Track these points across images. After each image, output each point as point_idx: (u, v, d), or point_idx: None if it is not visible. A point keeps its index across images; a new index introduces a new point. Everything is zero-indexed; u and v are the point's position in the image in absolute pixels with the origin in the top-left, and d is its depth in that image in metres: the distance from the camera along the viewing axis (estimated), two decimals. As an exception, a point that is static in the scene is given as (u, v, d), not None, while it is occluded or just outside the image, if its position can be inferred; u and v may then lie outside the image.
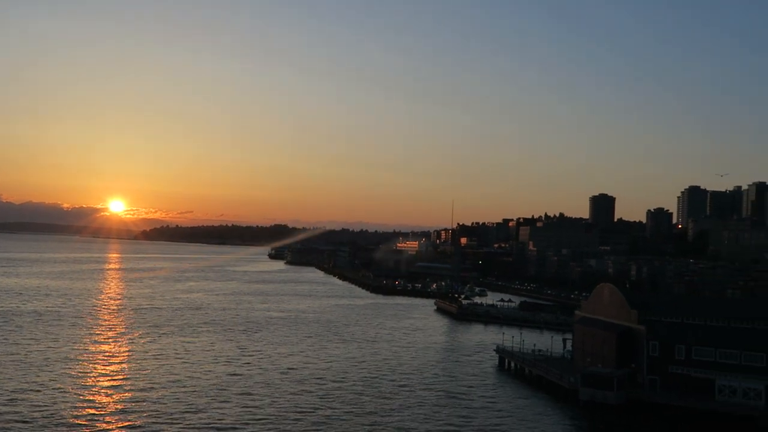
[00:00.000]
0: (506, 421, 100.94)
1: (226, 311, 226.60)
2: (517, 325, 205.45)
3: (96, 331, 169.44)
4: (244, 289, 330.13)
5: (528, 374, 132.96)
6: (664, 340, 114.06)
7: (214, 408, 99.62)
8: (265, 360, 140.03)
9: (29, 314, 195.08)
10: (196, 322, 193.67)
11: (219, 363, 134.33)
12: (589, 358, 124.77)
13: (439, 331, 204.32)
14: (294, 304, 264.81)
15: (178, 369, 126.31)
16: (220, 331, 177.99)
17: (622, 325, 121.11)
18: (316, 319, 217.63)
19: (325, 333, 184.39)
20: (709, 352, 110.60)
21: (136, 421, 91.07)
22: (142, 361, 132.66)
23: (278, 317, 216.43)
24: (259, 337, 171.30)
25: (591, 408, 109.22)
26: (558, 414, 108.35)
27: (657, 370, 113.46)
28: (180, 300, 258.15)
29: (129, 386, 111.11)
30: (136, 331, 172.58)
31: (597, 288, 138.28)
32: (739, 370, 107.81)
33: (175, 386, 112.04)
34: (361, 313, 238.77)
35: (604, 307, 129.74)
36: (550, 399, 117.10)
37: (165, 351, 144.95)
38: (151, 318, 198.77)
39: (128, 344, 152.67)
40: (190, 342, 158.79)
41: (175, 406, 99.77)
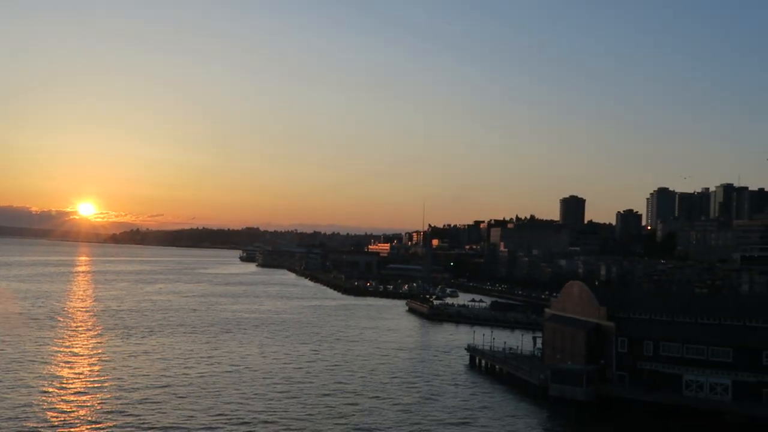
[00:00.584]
0: (477, 418, 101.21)
1: (196, 312, 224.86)
2: (488, 324, 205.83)
3: (64, 333, 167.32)
4: (214, 291, 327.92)
5: (498, 372, 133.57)
6: (632, 336, 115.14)
7: (184, 408, 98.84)
8: (235, 360, 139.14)
9: (6, 317, 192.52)
10: (166, 324, 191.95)
11: (188, 363, 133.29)
12: (559, 354, 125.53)
13: (410, 331, 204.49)
14: (265, 305, 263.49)
15: (147, 370, 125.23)
16: (189, 332, 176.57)
17: (591, 321, 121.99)
18: (287, 320, 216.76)
19: (296, 334, 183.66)
20: (676, 348, 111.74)
21: (104, 422, 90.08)
22: (110, 362, 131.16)
23: (249, 318, 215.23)
24: (230, 338, 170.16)
25: (560, 404, 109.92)
26: (528, 410, 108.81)
27: (625, 366, 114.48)
28: (149, 302, 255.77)
29: (97, 387, 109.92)
30: (104, 332, 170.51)
31: (567, 286, 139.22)
32: (706, 366, 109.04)
33: (143, 387, 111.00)
34: (333, 314, 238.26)
35: (573, 305, 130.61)
36: (520, 395, 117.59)
37: (134, 352, 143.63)
38: (119, 320, 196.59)
39: (96, 345, 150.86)
40: (159, 343, 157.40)
41: (144, 406, 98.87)
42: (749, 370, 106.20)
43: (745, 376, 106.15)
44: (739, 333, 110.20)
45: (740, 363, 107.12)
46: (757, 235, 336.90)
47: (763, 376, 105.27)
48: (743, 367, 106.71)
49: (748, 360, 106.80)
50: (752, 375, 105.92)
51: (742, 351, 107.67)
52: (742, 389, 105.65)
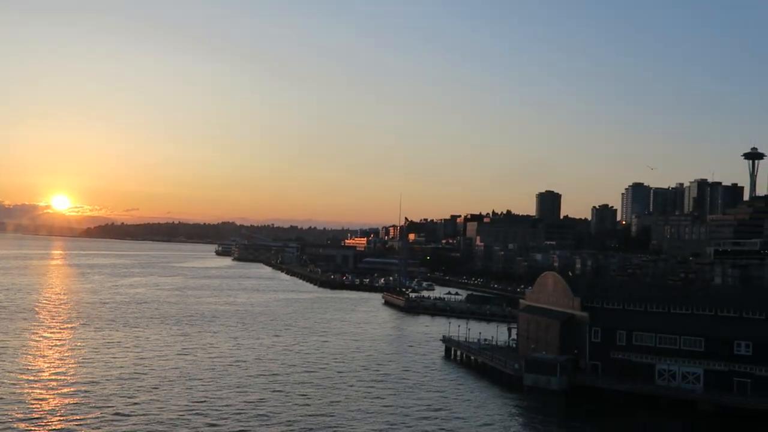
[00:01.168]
0: (452, 408, 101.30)
1: (171, 305, 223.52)
2: (464, 317, 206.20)
3: (36, 325, 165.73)
4: (189, 284, 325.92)
5: (474, 362, 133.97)
6: (605, 326, 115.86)
7: (156, 398, 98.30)
8: (210, 351, 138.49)
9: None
10: (139, 316, 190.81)
11: (162, 354, 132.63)
12: (533, 345, 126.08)
13: (386, 323, 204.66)
14: (240, 298, 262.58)
15: (119, 361, 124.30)
16: (163, 324, 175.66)
17: (565, 312, 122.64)
18: (263, 312, 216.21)
19: (271, 325, 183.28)
20: (649, 338, 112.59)
21: (76, 414, 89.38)
22: (85, 353, 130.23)
23: (224, 310, 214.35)
24: (204, 330, 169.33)
25: (534, 393, 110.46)
26: (502, 399, 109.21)
27: (599, 356, 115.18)
28: (123, 294, 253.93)
29: (69, 378, 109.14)
30: (77, 324, 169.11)
31: (541, 277, 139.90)
32: (678, 355, 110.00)
33: (116, 378, 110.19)
34: (308, 307, 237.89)
35: (548, 295, 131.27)
36: (494, 385, 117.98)
37: (107, 343, 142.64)
38: (94, 312, 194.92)
39: (69, 337, 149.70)
40: (133, 335, 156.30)
41: (117, 397, 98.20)
42: (720, 359, 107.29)
43: (717, 365, 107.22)
44: (711, 323, 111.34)
45: (712, 352, 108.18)
46: (730, 230, 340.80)
47: (733, 366, 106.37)
48: (715, 357, 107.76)
49: (719, 349, 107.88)
50: (723, 364, 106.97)
51: (713, 341, 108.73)
52: (714, 378, 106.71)
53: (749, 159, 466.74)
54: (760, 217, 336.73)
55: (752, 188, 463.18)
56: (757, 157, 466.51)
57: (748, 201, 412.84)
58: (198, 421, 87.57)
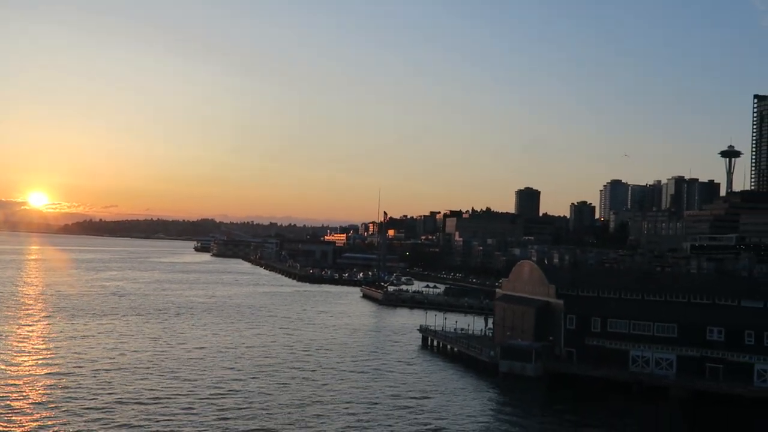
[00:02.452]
0: (427, 395, 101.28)
1: (149, 297, 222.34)
2: (442, 309, 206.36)
3: (12, 316, 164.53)
4: (167, 278, 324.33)
5: (450, 351, 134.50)
6: (580, 313, 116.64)
7: (135, 387, 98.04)
8: (188, 342, 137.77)
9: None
10: (117, 308, 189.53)
11: (140, 345, 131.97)
12: (509, 332, 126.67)
13: (364, 315, 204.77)
14: (219, 291, 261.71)
15: (96, 352, 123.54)
16: (141, 315, 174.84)
17: (540, 300, 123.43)
18: (241, 304, 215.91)
19: (250, 317, 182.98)
20: (623, 325, 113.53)
21: (54, 403, 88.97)
22: (60, 344, 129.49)
23: (202, 303, 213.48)
24: (183, 321, 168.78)
25: (510, 380, 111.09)
26: (478, 386, 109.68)
27: (574, 343, 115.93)
28: (100, 287, 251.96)
29: (46, 369, 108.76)
30: (55, 315, 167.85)
31: (517, 265, 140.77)
32: (652, 341, 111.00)
33: (93, 368, 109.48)
34: (287, 300, 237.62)
35: (523, 284, 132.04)
36: (470, 372, 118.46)
37: (84, 334, 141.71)
38: (71, 304, 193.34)
39: (47, 328, 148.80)
40: (110, 326, 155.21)
41: (94, 386, 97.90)
42: (693, 345, 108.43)
43: (689, 351, 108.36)
44: (684, 310, 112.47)
45: (685, 339, 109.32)
46: (707, 225, 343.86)
47: (705, 351, 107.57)
48: (687, 343, 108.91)
49: (692, 336, 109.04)
50: (696, 350, 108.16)
51: (686, 327, 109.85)
52: (687, 364, 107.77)
53: (726, 157, 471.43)
54: (735, 213, 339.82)
55: (729, 185, 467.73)
56: (734, 154, 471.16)
57: (724, 197, 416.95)
58: (174, 410, 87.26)
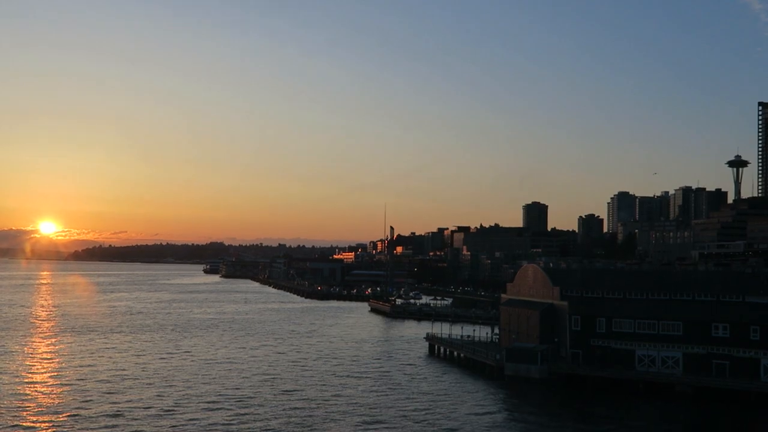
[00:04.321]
0: (434, 399, 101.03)
1: (158, 315, 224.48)
2: (450, 320, 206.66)
3: (26, 335, 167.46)
4: (176, 298, 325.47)
5: (457, 357, 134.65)
6: (585, 314, 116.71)
7: (146, 396, 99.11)
8: (200, 354, 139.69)
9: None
10: (127, 325, 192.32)
11: (153, 358, 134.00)
12: (515, 335, 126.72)
13: (372, 327, 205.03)
14: (228, 308, 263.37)
15: (106, 366, 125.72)
16: (151, 332, 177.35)
17: (545, 302, 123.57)
18: (250, 320, 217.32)
19: (260, 332, 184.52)
20: (628, 324, 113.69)
21: (66, 412, 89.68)
22: (73, 359, 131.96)
23: (211, 319, 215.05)
24: (193, 336, 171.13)
25: (516, 382, 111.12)
26: (484, 388, 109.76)
27: (579, 344, 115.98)
28: (111, 307, 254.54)
29: (62, 379, 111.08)
30: (67, 333, 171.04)
31: (521, 269, 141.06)
32: (657, 340, 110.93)
33: (106, 380, 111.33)
34: (296, 315, 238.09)
35: (528, 287, 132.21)
36: (476, 376, 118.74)
37: (96, 349, 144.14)
38: (81, 322, 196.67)
39: (59, 344, 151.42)
40: (121, 341, 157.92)
41: (107, 397, 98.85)
42: (699, 342, 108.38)
43: (695, 348, 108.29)
44: (689, 307, 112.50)
45: (690, 336, 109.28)
46: (714, 233, 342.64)
47: (711, 348, 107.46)
48: (693, 340, 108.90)
49: (697, 333, 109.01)
50: (702, 347, 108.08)
51: (691, 324, 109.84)
52: (692, 361, 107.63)
53: (733, 167, 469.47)
54: (742, 220, 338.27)
55: (737, 195, 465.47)
56: (741, 164, 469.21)
57: (731, 204, 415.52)
58: (193, 413, 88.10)
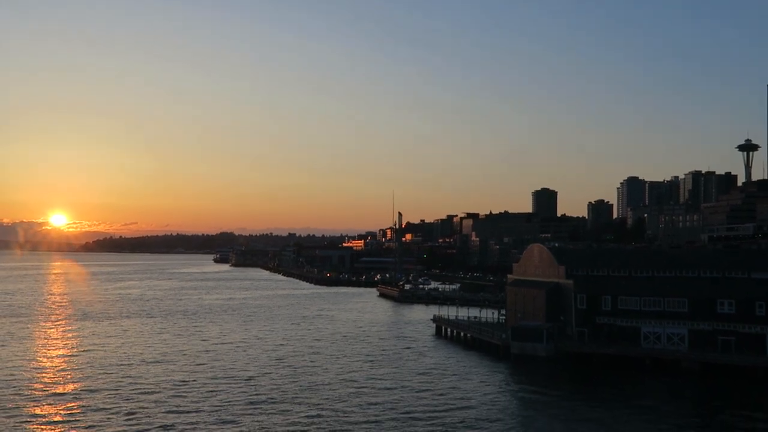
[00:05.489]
0: (442, 377, 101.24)
1: (169, 302, 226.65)
2: (457, 304, 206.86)
3: (39, 321, 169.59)
4: (186, 285, 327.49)
5: (464, 338, 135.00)
6: (590, 292, 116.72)
7: (160, 376, 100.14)
8: (209, 337, 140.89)
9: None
10: (138, 311, 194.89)
11: (164, 341, 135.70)
12: (521, 314, 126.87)
13: (380, 311, 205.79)
14: (238, 295, 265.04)
15: (123, 347, 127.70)
16: (162, 317, 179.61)
17: (550, 281, 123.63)
18: (259, 305, 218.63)
19: (270, 316, 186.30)
20: (634, 302, 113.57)
21: (85, 398, 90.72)
22: (86, 343, 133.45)
23: (221, 305, 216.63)
24: (203, 320, 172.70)
25: (522, 361, 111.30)
26: (490, 367, 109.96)
27: (585, 322, 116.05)
28: (122, 295, 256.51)
29: (74, 361, 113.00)
30: (80, 319, 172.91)
31: (527, 249, 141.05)
32: (663, 317, 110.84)
33: (120, 364, 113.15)
34: (305, 301, 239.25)
35: (534, 267, 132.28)
36: (483, 356, 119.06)
37: (110, 333, 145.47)
38: (94, 309, 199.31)
39: (73, 329, 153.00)
40: (133, 326, 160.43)
41: (123, 381, 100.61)
42: (704, 318, 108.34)
43: (701, 324, 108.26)
44: (694, 284, 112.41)
45: (696, 313, 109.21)
46: (723, 216, 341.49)
47: (717, 324, 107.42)
48: (698, 317, 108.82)
49: (703, 309, 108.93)
50: (707, 323, 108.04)
51: (697, 301, 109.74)
52: (698, 338, 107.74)
53: (744, 150, 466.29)
54: (752, 202, 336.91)
55: (747, 179, 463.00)
56: (752, 148, 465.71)
57: (741, 187, 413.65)
58: (199, 395, 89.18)
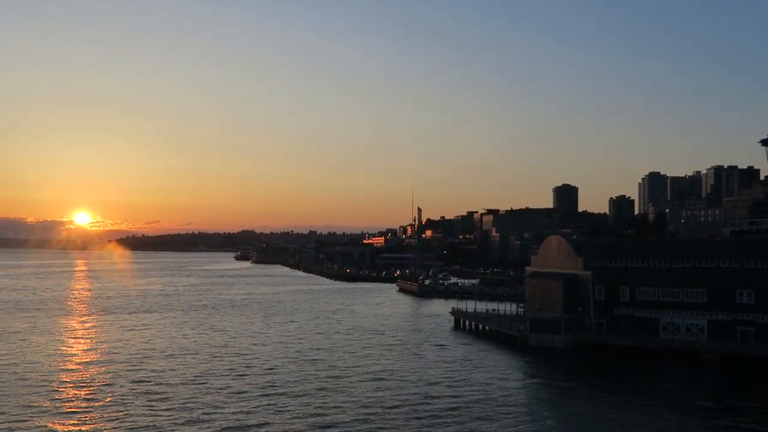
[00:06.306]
0: (460, 369, 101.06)
1: (190, 296, 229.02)
2: (476, 297, 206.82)
3: (66, 314, 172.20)
4: (207, 281, 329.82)
5: (482, 330, 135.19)
6: (609, 283, 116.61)
7: (181, 368, 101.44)
8: (230, 331, 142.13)
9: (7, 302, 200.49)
10: (160, 305, 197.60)
11: (184, 333, 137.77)
12: (539, 306, 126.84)
13: (399, 305, 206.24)
14: (257, 290, 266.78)
15: (143, 340, 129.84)
16: (184, 311, 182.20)
17: (568, 273, 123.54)
18: (279, 300, 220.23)
19: (288, 310, 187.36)
20: (652, 293, 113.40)
21: (115, 388, 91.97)
22: (112, 334, 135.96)
23: (241, 300, 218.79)
24: (223, 314, 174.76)
25: (540, 352, 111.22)
26: (508, 359, 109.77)
27: (603, 313, 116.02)
28: (144, 290, 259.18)
29: (96, 353, 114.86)
30: (104, 313, 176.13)
31: (545, 241, 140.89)
32: (682, 308, 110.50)
33: (145, 356, 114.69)
34: (325, 296, 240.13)
35: (552, 259, 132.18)
36: (501, 348, 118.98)
37: (133, 327, 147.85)
38: (117, 303, 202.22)
39: (97, 322, 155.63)
40: (155, 320, 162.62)
41: (146, 373, 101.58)
42: (723, 309, 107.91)
43: (720, 315, 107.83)
44: (713, 274, 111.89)
45: (715, 303, 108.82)
46: (745, 210, 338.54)
47: (736, 315, 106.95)
48: (718, 307, 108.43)
49: (722, 300, 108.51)
50: (726, 314, 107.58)
51: (716, 292, 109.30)
52: (717, 328, 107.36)
53: (766, 145, 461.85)
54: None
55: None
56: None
57: (763, 180, 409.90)
58: (222, 387, 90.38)
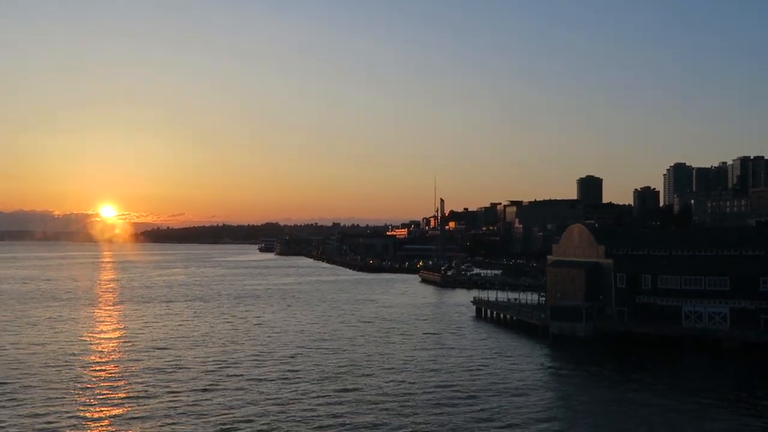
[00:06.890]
0: (482, 357, 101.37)
1: (214, 286, 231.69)
2: (498, 287, 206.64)
3: (94, 303, 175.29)
4: (231, 272, 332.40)
5: (503, 319, 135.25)
6: (630, 271, 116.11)
7: (203, 356, 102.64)
8: (254, 319, 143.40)
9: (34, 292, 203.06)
10: (185, 295, 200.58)
11: (207, 322, 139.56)
12: (560, 294, 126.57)
13: (422, 295, 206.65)
14: (280, 280, 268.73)
15: (170, 329, 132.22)
16: (207, 301, 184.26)
17: (590, 261, 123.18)
18: (302, 290, 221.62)
19: (311, 299, 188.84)
20: (674, 281, 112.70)
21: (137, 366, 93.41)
22: (134, 323, 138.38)
23: (265, 290, 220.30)
24: (246, 303, 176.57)
25: (561, 340, 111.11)
26: (529, 347, 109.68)
27: (625, 301, 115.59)
28: (169, 280, 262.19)
29: (121, 341, 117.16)
30: (127, 303, 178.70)
31: (567, 230, 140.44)
32: (704, 296, 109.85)
33: (159, 341, 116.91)
34: (347, 286, 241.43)
35: (574, 247, 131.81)
36: (522, 336, 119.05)
37: (154, 316, 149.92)
38: (144, 293, 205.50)
39: (122, 312, 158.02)
40: (180, 309, 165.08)
41: (170, 360, 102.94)
42: (746, 297, 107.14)
43: (743, 303, 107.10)
44: (736, 262, 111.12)
45: (737, 291, 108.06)
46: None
47: (759, 303, 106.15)
48: (740, 295, 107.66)
49: (745, 288, 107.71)
50: (750, 302, 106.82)
51: (739, 279, 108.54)
52: (740, 316, 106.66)
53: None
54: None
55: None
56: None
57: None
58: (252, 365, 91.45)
